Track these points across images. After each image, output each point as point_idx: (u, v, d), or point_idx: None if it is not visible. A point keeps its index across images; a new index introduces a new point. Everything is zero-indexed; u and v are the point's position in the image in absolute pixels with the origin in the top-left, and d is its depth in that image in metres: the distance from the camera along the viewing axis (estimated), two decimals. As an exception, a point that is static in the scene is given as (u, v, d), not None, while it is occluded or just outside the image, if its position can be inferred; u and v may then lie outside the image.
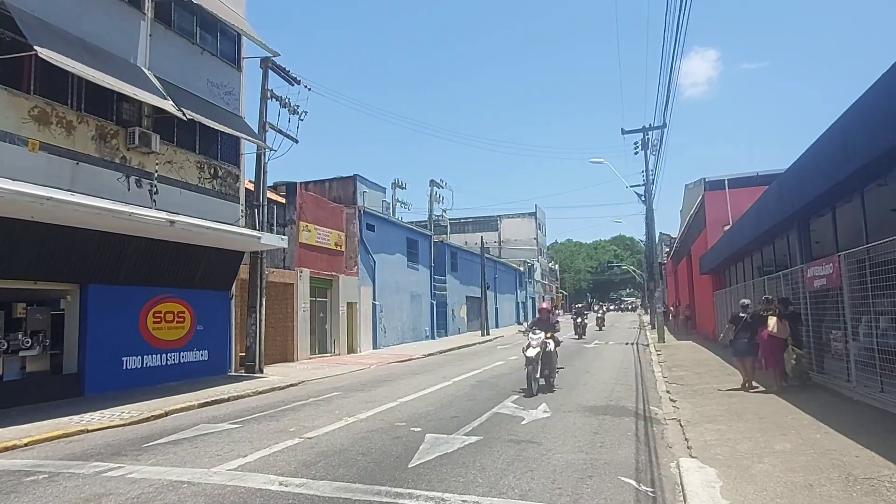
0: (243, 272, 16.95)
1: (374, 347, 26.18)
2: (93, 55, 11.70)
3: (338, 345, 23.52)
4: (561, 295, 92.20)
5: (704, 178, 27.11)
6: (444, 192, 39.70)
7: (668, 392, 11.61)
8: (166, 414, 10.45)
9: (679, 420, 8.81)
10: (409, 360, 21.42)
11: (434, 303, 34.10)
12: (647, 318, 47.59)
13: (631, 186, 31.49)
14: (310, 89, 18.85)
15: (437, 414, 9.86)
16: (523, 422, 9.07)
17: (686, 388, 12.07)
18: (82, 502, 5.65)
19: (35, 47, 10.09)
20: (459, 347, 27.03)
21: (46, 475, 6.61)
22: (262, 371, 16.58)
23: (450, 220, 44.10)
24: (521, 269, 60.66)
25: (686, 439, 7.56)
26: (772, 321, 10.96)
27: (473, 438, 7.90)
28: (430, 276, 33.98)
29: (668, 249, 48.40)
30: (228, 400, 12.08)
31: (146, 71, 13.38)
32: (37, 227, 10.73)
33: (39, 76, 11.07)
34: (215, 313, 15.87)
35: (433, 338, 33.26)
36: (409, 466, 6.61)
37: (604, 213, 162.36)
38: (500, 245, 64.75)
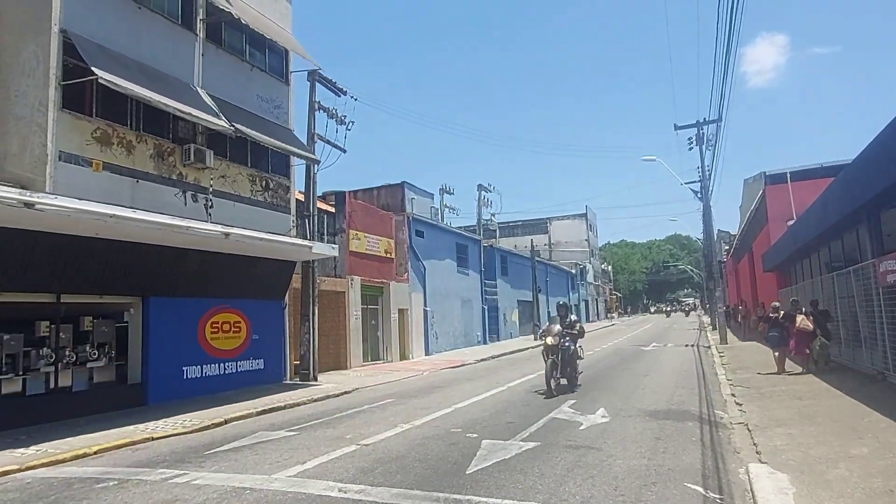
0: (296, 281, 17.25)
1: (427, 353, 26.20)
2: (149, 77, 12.16)
3: (390, 352, 23.64)
4: (615, 297, 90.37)
5: (765, 172, 26.11)
6: (493, 195, 39.51)
7: (733, 395, 11.14)
8: (226, 422, 10.69)
9: (746, 424, 8.43)
10: (462, 365, 21.32)
11: (485, 307, 33.92)
12: (707, 318, 46.06)
13: (686, 183, 30.40)
14: (356, 99, 19.12)
15: (492, 420, 9.73)
16: (581, 427, 8.86)
17: (752, 390, 11.54)
18: (149, 509, 5.81)
19: (95, 72, 10.56)
20: (512, 352, 26.76)
21: (116, 482, 6.83)
22: (316, 379, 16.81)
23: (498, 223, 43.83)
24: (573, 271, 59.78)
25: (755, 444, 7.24)
26: (799, 318, 13.58)
27: (531, 444, 7.74)
28: (481, 281, 33.82)
29: (727, 247, 46.74)
30: (285, 408, 12.27)
31: (199, 90, 13.82)
32: (101, 243, 11.19)
33: (101, 99, 11.56)
34: (270, 323, 16.19)
35: (485, 343, 33.07)
36: (467, 473, 6.51)
37: (658, 212, 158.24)
38: (550, 248, 63.99)
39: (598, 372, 16.59)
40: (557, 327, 12.63)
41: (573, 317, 13.54)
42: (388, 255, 24.13)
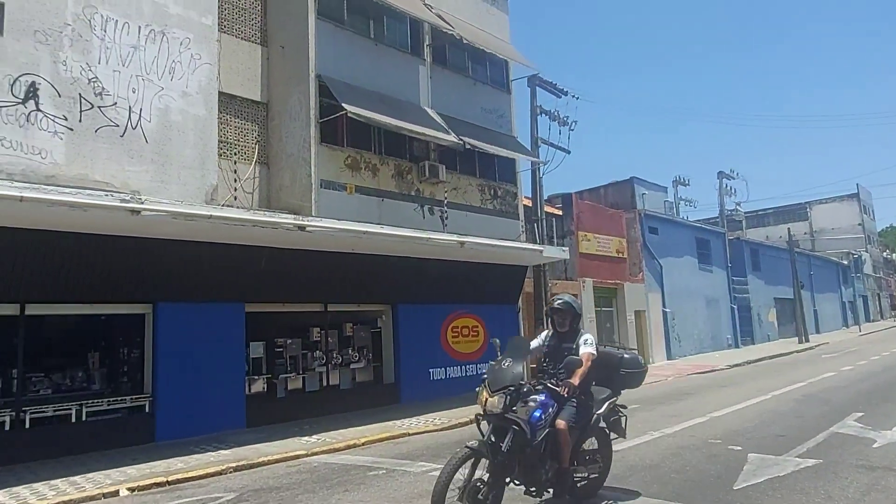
0: (528, 286, 17.40)
1: (669, 358, 24.46)
2: (387, 104, 13.38)
3: (628, 356, 22.56)
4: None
5: None
6: (737, 183, 35.43)
7: None
8: (471, 421, 11.07)
9: None
10: (712, 371, 19.43)
11: (734, 307, 30.57)
12: None
13: None
14: (577, 98, 18.78)
15: (757, 431, 8.57)
16: (875, 444, 7.40)
17: None
18: (417, 496, 6.24)
19: (345, 108, 11.95)
20: (771, 357, 23.63)
21: (384, 471, 7.50)
22: (554, 382, 16.69)
23: (745, 213, 39.15)
24: (845, 262, 50.89)
25: None
26: None
27: (810, 461, 6.63)
28: (728, 278, 30.61)
29: None
30: (526, 410, 12.34)
31: (429, 110, 14.81)
32: (356, 257, 12.54)
33: (349, 130, 13.02)
34: (505, 326, 16.52)
35: (736, 346, 29.78)
36: (735, 489, 5.78)
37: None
38: (811, 236, 55.39)
39: (890, 380, 13.79)
40: (515, 371, 5.28)
41: (585, 336, 5.67)
42: (620, 255, 23.15)
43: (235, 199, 11.75)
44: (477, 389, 5.48)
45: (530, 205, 17.90)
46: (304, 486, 7.01)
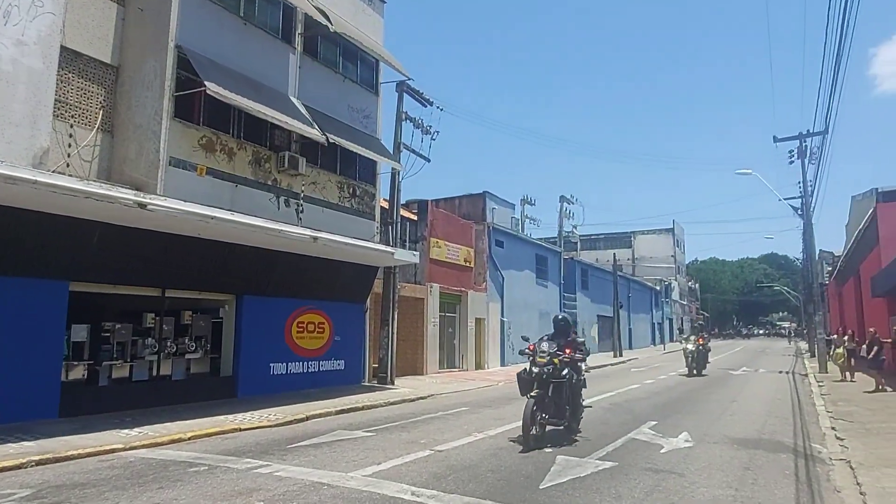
0: (377, 287, 17.69)
1: (503, 364, 26.08)
2: (252, 88, 12.92)
3: (466, 360, 23.72)
4: (702, 317, 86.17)
5: (877, 189, 24.16)
6: (575, 208, 38.93)
7: (833, 429, 10.35)
8: (307, 418, 11.12)
9: (849, 461, 7.80)
10: (538, 378, 21.05)
11: (563, 321, 33.37)
12: (804, 344, 43.10)
13: (785, 199, 28.75)
14: (441, 110, 19.43)
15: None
16: (662, 450, 8.53)
17: (856, 425, 10.69)
18: (236, 495, 6.16)
19: (205, 84, 11.36)
20: (590, 368, 26.11)
21: (206, 468, 7.29)
22: (393, 383, 17.14)
23: (580, 236, 42.97)
24: (657, 287, 57.64)
25: (858, 483, 6.69)
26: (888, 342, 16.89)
27: (608, 464, 7.55)
28: (560, 294, 33.34)
29: (830, 269, 43.53)
30: (363, 409, 12.60)
31: (295, 100, 14.52)
32: (202, 243, 11.97)
33: (207, 109, 12.39)
34: (351, 325, 16.70)
35: (563, 357, 32.48)
36: (540, 488, 6.45)
37: (752, 229, 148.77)
38: (633, 263, 62.06)
39: (680, 395, 15.94)
40: (553, 347, 9.15)
41: (578, 338, 10.44)
42: (468, 264, 24.28)
43: (69, 165, 10.66)
44: (526, 358, 9.39)
45: (387, 207, 18.20)
46: (114, 482, 6.62)
